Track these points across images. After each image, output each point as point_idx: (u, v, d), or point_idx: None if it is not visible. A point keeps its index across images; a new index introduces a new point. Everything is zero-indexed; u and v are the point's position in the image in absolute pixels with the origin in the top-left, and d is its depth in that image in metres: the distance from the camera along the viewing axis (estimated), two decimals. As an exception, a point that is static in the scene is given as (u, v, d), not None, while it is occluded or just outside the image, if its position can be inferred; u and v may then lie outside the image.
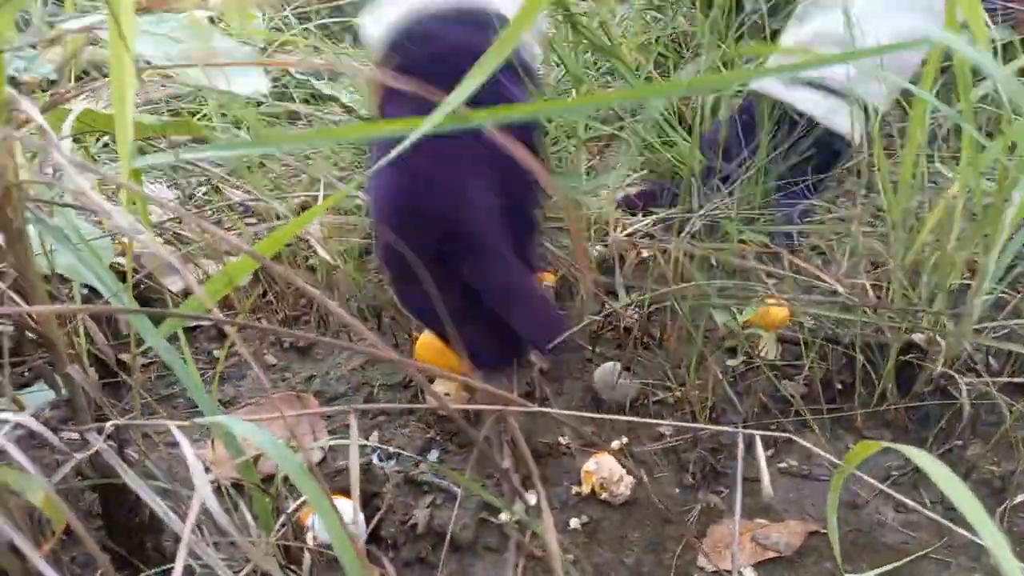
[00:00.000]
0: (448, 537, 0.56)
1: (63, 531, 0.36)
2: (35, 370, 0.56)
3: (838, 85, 0.78)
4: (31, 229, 0.43)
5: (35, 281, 0.44)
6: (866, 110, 0.73)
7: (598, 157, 0.88)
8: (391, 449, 0.67)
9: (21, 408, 0.43)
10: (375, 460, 0.67)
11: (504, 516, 0.60)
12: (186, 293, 0.80)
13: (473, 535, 0.59)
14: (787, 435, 0.45)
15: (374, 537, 0.58)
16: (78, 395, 0.43)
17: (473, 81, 0.26)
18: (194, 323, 0.84)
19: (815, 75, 0.78)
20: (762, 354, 0.67)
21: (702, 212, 0.75)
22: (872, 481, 0.43)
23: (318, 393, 0.75)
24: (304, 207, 0.93)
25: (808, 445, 0.44)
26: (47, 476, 0.35)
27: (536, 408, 0.39)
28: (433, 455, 0.67)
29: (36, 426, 0.36)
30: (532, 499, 0.63)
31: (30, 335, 0.42)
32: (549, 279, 0.82)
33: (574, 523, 0.60)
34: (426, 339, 0.69)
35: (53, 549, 0.39)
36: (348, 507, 0.56)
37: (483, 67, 0.26)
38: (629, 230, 0.81)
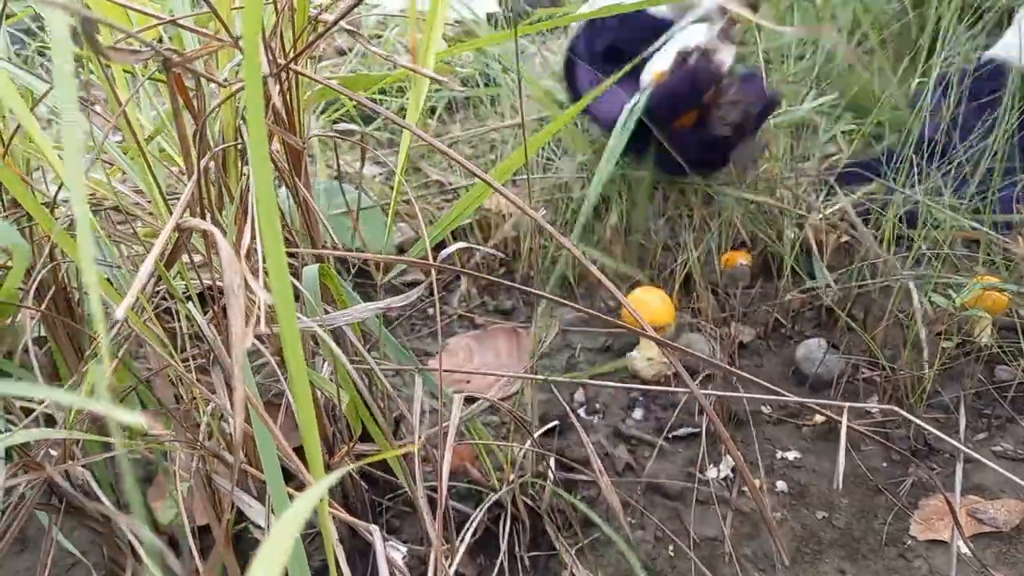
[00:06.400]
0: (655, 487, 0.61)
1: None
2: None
3: None
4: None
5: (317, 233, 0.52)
6: None
7: (796, 142, 0.89)
8: (597, 405, 0.73)
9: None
10: (582, 414, 0.72)
11: (711, 473, 0.64)
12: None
13: (681, 487, 0.63)
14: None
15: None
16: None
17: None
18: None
19: None
20: (977, 339, 0.67)
21: (907, 195, 0.75)
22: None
23: (526, 351, 0.82)
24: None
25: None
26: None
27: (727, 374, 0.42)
28: (638, 413, 0.72)
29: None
30: (732, 461, 0.66)
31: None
32: (744, 258, 0.85)
33: (781, 486, 0.63)
34: (634, 299, 0.74)
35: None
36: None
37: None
38: (829, 211, 0.82)
